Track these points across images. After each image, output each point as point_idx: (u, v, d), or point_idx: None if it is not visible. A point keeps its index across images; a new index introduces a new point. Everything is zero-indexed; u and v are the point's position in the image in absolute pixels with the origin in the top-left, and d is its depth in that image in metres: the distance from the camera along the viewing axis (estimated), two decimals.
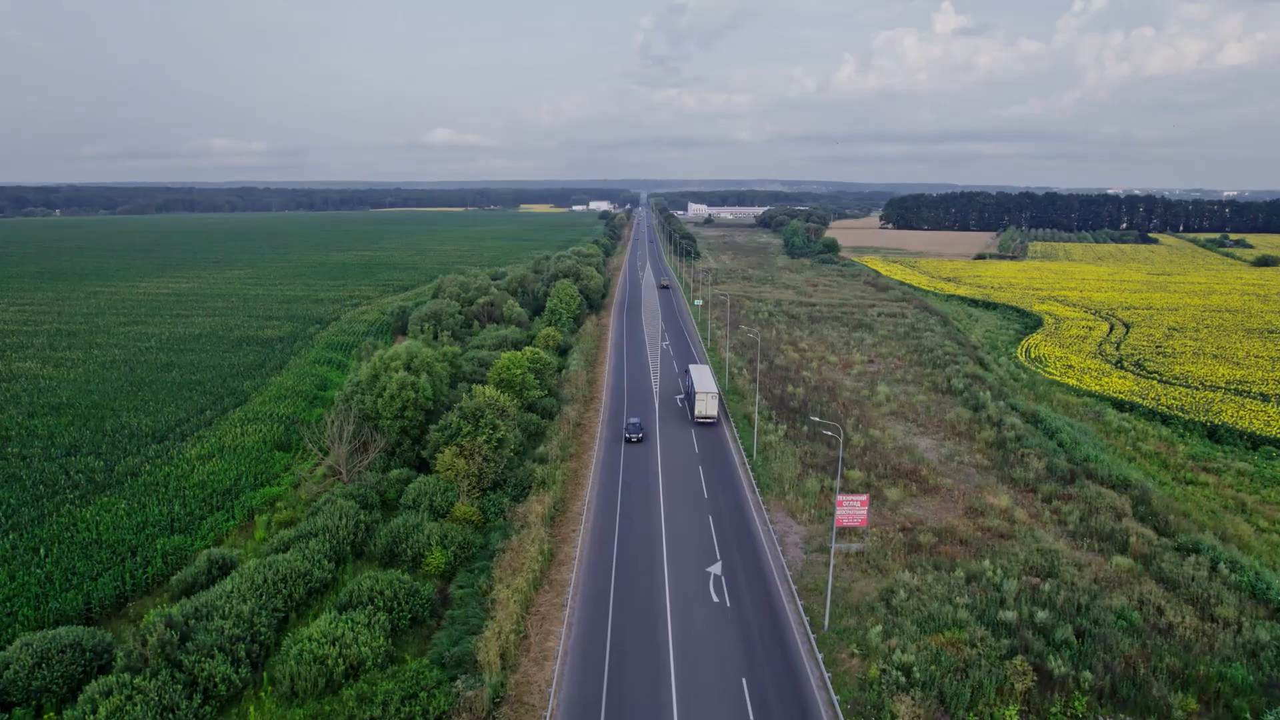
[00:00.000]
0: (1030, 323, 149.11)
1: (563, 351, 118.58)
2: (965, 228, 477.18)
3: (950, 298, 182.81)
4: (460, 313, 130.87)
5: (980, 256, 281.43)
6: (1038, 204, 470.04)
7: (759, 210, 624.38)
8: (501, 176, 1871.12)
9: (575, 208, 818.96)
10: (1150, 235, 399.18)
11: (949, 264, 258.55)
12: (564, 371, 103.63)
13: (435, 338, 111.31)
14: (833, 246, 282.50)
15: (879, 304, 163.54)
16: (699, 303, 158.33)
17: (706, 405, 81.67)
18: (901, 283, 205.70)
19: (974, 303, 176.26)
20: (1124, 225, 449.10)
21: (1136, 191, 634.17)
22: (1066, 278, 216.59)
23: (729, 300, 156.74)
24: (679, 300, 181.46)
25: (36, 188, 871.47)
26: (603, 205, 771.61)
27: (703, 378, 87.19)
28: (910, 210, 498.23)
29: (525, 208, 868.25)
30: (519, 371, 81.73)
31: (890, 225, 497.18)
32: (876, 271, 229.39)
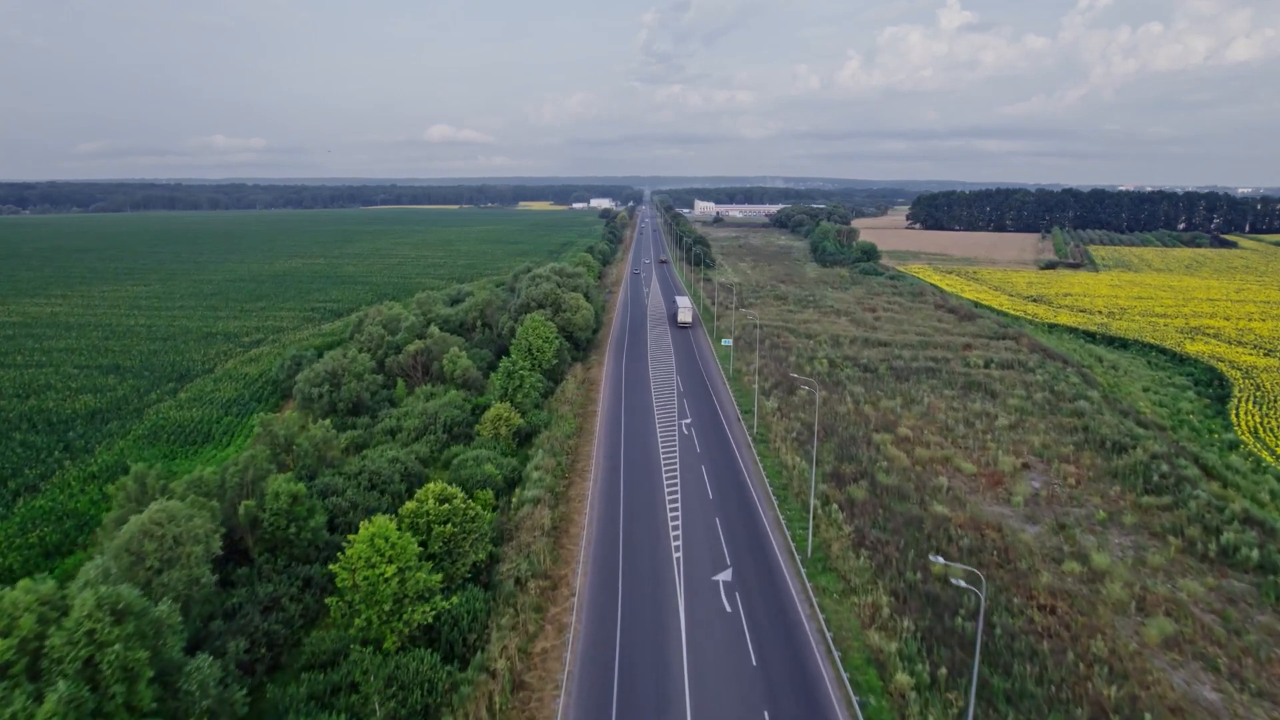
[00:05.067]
0: (1200, 375, 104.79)
1: (526, 438, 75.22)
2: (1001, 228, 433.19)
3: (1053, 327, 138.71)
4: (376, 370, 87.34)
5: (1050, 265, 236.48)
6: (1082, 203, 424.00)
7: (771, 209, 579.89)
8: (502, 173, 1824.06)
9: (576, 205, 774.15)
10: (1223, 238, 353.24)
11: (1016, 276, 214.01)
12: (516, 497, 60.01)
13: (312, 422, 67.47)
14: (872, 253, 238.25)
15: (975, 342, 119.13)
16: (727, 342, 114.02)
17: (684, 314, 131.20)
18: (977, 304, 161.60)
19: (1090, 336, 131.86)
20: (1181, 225, 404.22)
21: (1146, 188, 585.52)
22: (1183, 296, 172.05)
23: (797, 366, 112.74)
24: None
25: (10, 184, 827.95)
26: (604, 203, 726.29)
27: (683, 303, 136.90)
28: (940, 209, 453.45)
29: (524, 205, 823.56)
30: (390, 574, 38.02)
31: (918, 225, 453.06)
32: (939, 288, 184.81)
